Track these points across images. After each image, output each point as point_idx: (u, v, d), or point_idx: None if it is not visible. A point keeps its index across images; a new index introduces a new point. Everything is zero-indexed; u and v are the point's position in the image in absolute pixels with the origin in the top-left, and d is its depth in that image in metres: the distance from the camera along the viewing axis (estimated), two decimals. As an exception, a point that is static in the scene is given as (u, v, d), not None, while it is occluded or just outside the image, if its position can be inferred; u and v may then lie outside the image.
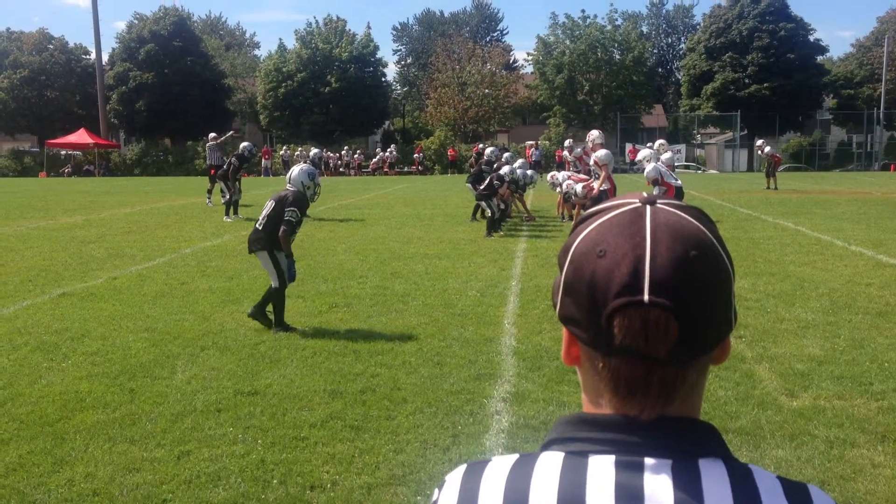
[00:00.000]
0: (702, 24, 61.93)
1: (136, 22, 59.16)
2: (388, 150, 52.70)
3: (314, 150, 16.98)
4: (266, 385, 5.25)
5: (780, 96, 53.65)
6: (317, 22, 59.97)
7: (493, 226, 13.65)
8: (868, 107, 59.17)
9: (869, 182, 17.14)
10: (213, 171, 19.59)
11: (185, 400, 4.97)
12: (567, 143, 23.60)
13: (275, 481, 3.84)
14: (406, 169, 51.27)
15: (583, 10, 61.50)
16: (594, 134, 15.03)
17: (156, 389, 5.18)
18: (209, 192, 20.42)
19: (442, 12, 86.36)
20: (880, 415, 4.57)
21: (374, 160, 50.55)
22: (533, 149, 37.59)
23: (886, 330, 6.52)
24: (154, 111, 54.82)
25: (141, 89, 55.01)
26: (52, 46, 59.99)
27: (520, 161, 17.04)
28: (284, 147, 51.63)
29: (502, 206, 14.24)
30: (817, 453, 4.05)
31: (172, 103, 54.53)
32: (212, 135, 21.55)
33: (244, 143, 17.34)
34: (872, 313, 7.14)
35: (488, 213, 13.80)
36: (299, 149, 51.00)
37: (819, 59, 59.81)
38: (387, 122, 67.90)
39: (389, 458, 4.09)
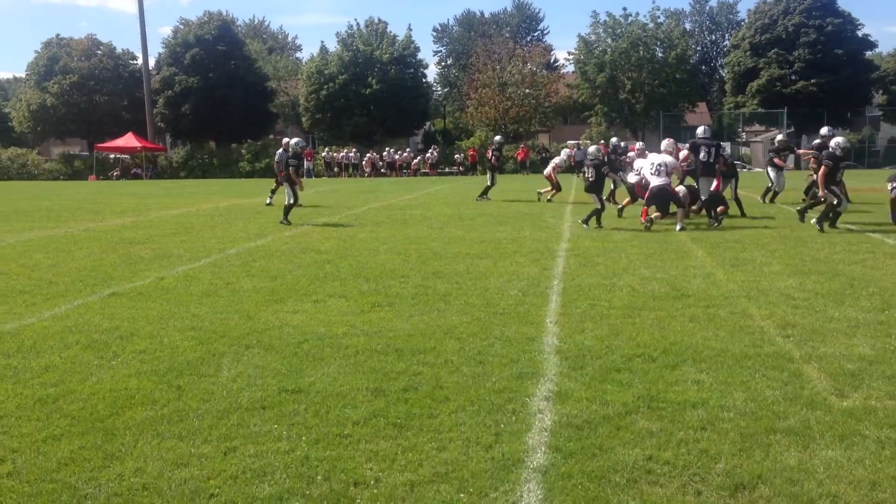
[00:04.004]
0: (746, 21, 60.97)
1: (181, 27, 60.22)
2: (430, 150, 52.85)
3: (295, 140, 17.09)
4: (310, 383, 5.30)
5: (828, 93, 52.60)
6: (358, 24, 60.44)
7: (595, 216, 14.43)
8: (920, 102, 57.70)
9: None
10: (281, 174, 20.15)
11: (230, 397, 5.04)
12: (613, 140, 23.35)
13: (319, 477, 3.88)
14: (447, 169, 51.34)
15: (624, 9, 61.05)
16: (665, 143, 15.61)
17: (202, 387, 5.26)
18: (273, 191, 21.52)
19: (482, 13, 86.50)
20: (934, 415, 4.46)
21: (416, 161, 50.71)
22: (575, 149, 37.36)
23: (940, 329, 6.36)
24: (199, 114, 55.74)
25: (186, 93, 55.95)
26: (100, 52, 61.27)
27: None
28: (326, 149, 52.05)
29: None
30: (868, 454, 3.97)
31: (217, 106, 55.38)
32: (285, 140, 22.23)
33: (293, 140, 17.39)
34: (925, 312, 6.97)
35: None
36: (343, 150, 51.45)
37: (868, 54, 58.52)
38: (427, 123, 68.08)
39: (432, 456, 4.10)
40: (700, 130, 15.48)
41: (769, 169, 20.08)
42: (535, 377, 5.35)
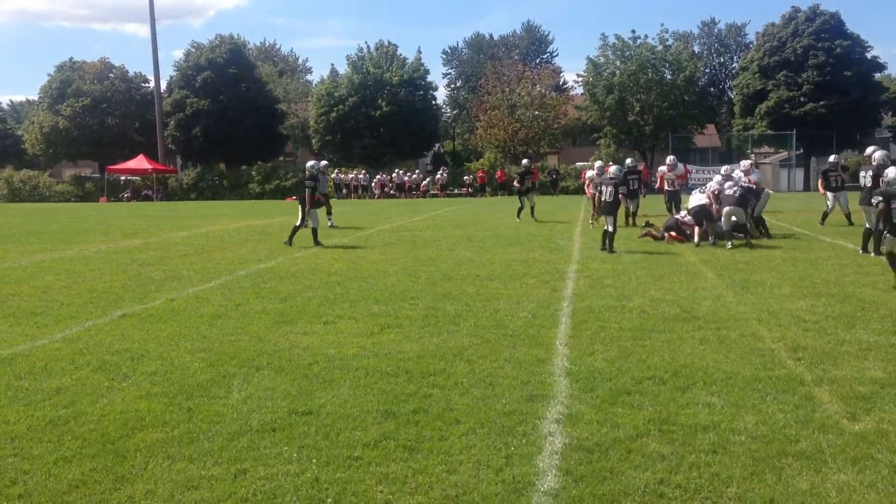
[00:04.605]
0: (755, 43, 61.10)
1: (193, 50, 60.80)
2: (439, 172, 53.03)
3: (311, 163, 17.18)
4: (320, 405, 5.31)
5: (837, 114, 52.56)
6: (368, 47, 60.84)
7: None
8: (929, 124, 57.61)
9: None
10: (316, 198, 20.90)
11: (241, 419, 5.05)
12: (627, 162, 23.22)
13: (329, 500, 3.88)
14: (456, 191, 51.47)
15: (633, 31, 61.06)
16: (745, 164, 16.75)
17: (213, 409, 5.27)
18: (329, 213, 22.10)
19: (492, 35, 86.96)
20: (948, 440, 4.43)
21: (425, 182, 50.88)
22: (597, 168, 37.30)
23: (953, 352, 6.33)
24: (210, 137, 56.16)
25: (198, 115, 56.41)
26: (112, 75, 61.91)
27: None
28: (336, 170, 52.27)
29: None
30: (881, 478, 3.94)
31: (227, 129, 55.82)
32: (324, 163, 23.27)
33: (310, 163, 17.47)
34: (938, 335, 6.93)
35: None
36: (353, 171, 51.71)
37: (877, 76, 58.49)
38: (437, 145, 68.34)
39: (443, 479, 4.09)
40: (878, 155, 14.64)
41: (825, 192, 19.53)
42: (546, 399, 5.34)
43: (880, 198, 9.97)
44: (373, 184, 49.71)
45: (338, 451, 4.48)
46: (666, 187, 20.57)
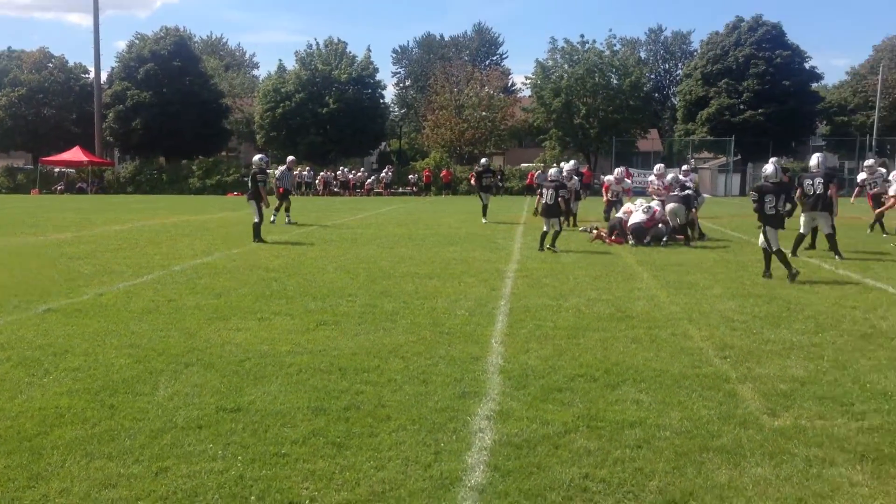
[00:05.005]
0: (699, 51, 62.36)
1: (136, 41, 59.49)
2: (385, 170, 52.87)
3: (258, 157, 17.01)
4: (249, 402, 5.23)
5: (774, 122, 53.95)
6: (317, 44, 60.32)
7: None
8: (861, 134, 59.56)
9: (859, 208, 17.24)
10: (280, 190, 21.97)
11: (165, 416, 4.95)
12: (618, 172, 22.74)
13: (252, 497, 3.82)
14: (400, 190, 51.38)
15: (582, 36, 61.79)
16: (684, 167, 17.24)
17: (137, 405, 5.15)
18: (286, 210, 21.94)
19: (442, 36, 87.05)
20: (860, 435, 4.57)
21: (370, 180, 50.68)
22: (538, 172, 37.53)
23: (870, 352, 6.53)
24: (150, 130, 55.02)
25: (138, 108, 55.23)
26: (51, 65, 60.26)
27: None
28: (279, 167, 51.67)
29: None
30: (796, 472, 4.05)
31: (169, 122, 54.75)
32: (290, 158, 23.82)
33: (257, 157, 17.17)
34: (857, 335, 7.15)
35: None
36: (297, 168, 51.16)
37: (814, 86, 60.22)
38: (383, 144, 68.14)
39: (370, 475, 4.07)
40: (813, 162, 13.60)
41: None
42: (478, 396, 5.35)
43: (755, 194, 10.62)
44: (317, 181, 49.31)
45: (264, 448, 4.42)
46: (609, 198, 20.26)
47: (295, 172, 46.07)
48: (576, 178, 20.12)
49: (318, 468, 4.15)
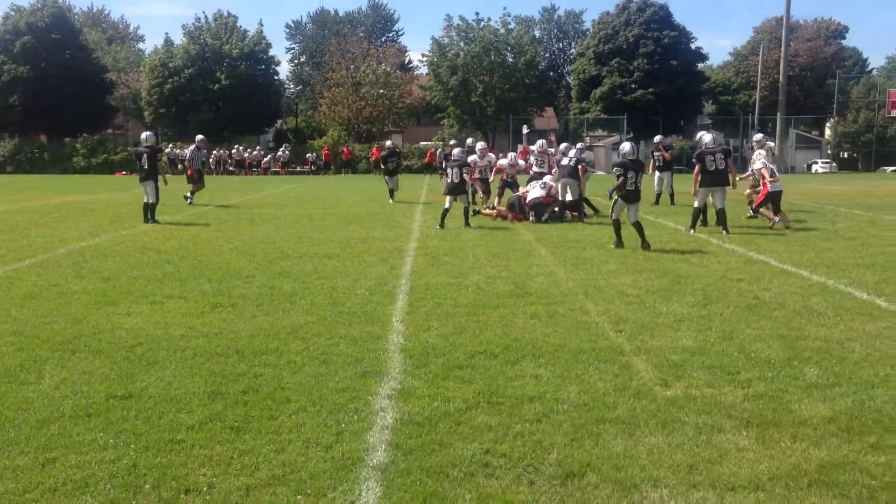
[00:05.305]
0: (591, 30, 63.71)
1: (12, 13, 56.30)
2: (281, 149, 51.90)
3: (146, 133, 16.42)
4: (141, 388, 5.05)
5: (664, 101, 55.82)
6: (206, 17, 58.49)
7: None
8: (744, 112, 62.34)
9: (742, 185, 18.05)
10: (190, 172, 21.00)
11: (52, 405, 4.72)
12: (469, 141, 23.12)
13: (147, 486, 3.69)
14: (298, 169, 50.58)
15: (477, 13, 62.29)
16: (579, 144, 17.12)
17: (21, 395, 4.90)
18: (191, 192, 20.89)
19: (336, 11, 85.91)
20: (746, 402, 4.79)
21: (266, 159, 49.66)
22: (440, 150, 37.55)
23: (754, 322, 6.86)
24: (29, 106, 52.27)
25: (15, 83, 52.37)
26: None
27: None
28: (171, 144, 49.99)
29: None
30: (687, 439, 4.21)
31: (49, 98, 52.06)
32: (199, 137, 22.31)
33: (145, 134, 16.44)
34: (742, 307, 7.50)
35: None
36: (189, 146, 49.66)
37: (700, 66, 62.61)
38: (279, 122, 66.83)
39: (270, 459, 4.00)
40: (708, 139, 13.99)
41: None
42: (379, 376, 5.33)
43: (620, 169, 11.42)
44: (210, 159, 47.93)
45: (158, 436, 4.28)
46: (505, 178, 20.31)
47: (203, 151, 44.77)
48: (491, 155, 20.21)
49: (215, 454, 4.05)
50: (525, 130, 22.06)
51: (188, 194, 20.69)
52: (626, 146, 11.99)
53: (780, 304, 7.62)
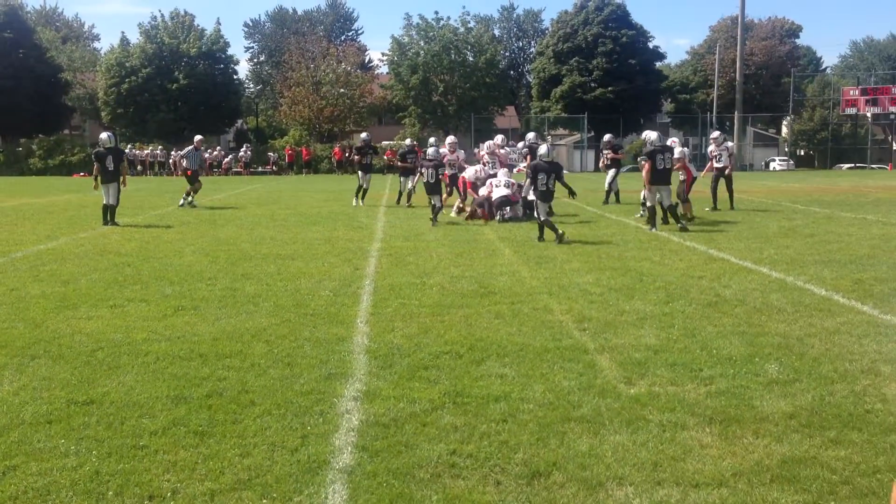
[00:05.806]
0: (550, 29, 64.11)
1: (-40, 11, 54.87)
2: (242, 149, 51.41)
3: (105, 134, 16.06)
4: (103, 393, 4.98)
5: (623, 100, 56.42)
6: (162, 15, 57.76)
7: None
8: (702, 111, 63.19)
9: (703, 182, 18.35)
10: (189, 173, 20.65)
11: (11, 412, 4.64)
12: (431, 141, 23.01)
13: (110, 493, 3.65)
14: (260, 169, 50.16)
15: (436, 12, 62.29)
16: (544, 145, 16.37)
17: (-22, 403, 4.80)
18: (188, 193, 20.47)
19: (295, 10, 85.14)
20: (709, 399, 4.87)
21: (227, 159, 49.15)
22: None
23: (716, 319, 6.97)
24: (-19, 107, 51.06)
25: (-34, 83, 51.10)
26: None
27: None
28: (129, 145, 49.24)
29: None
30: (651, 437, 4.27)
31: (3, 98, 50.99)
32: (198, 137, 21.88)
33: (104, 135, 16.09)
34: (704, 304, 7.61)
35: None
36: (148, 147, 48.96)
37: (658, 65, 63.32)
38: (239, 121, 66.23)
39: (235, 463, 3.97)
40: (654, 136, 14.18)
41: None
42: (344, 378, 5.32)
43: (531, 171, 12.04)
44: (170, 160, 47.32)
45: (121, 441, 4.22)
46: (470, 186, 20.33)
47: (201, 151, 44.33)
48: (461, 151, 20.22)
49: (179, 459, 4.01)
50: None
51: (187, 196, 20.36)
52: (542, 148, 13.03)
53: (740, 300, 7.75)
